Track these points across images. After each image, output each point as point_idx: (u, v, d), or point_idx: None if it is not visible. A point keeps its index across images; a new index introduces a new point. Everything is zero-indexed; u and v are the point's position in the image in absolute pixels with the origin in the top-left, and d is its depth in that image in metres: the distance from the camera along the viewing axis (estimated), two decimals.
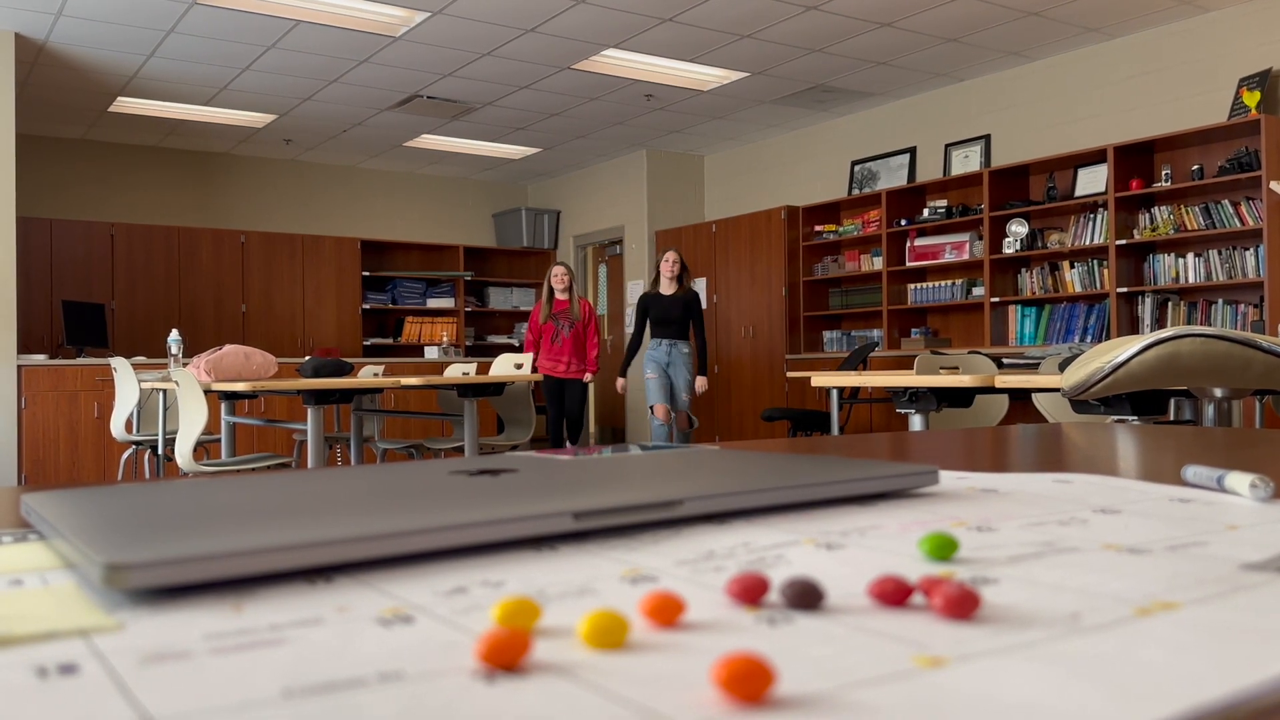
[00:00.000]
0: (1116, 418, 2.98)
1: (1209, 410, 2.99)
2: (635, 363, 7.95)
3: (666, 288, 7.06)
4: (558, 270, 7.28)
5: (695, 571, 0.34)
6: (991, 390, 3.54)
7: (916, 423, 3.69)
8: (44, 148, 9.06)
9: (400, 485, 0.46)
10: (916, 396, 3.68)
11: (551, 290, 7.23)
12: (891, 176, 8.47)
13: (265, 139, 9.39)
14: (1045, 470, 0.63)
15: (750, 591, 0.30)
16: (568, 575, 0.33)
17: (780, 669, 0.23)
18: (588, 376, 7.29)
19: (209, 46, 6.80)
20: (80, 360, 7.43)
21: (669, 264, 7.07)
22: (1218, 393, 2.77)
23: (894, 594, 0.29)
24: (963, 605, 0.27)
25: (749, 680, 0.21)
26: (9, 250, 6.59)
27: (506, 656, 0.23)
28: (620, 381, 7.37)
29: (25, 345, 7.89)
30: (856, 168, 8.79)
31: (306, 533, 0.34)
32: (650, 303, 7.10)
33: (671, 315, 7.02)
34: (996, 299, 7.40)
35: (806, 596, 0.29)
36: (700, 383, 7.07)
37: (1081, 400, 2.53)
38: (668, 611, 0.27)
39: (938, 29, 6.76)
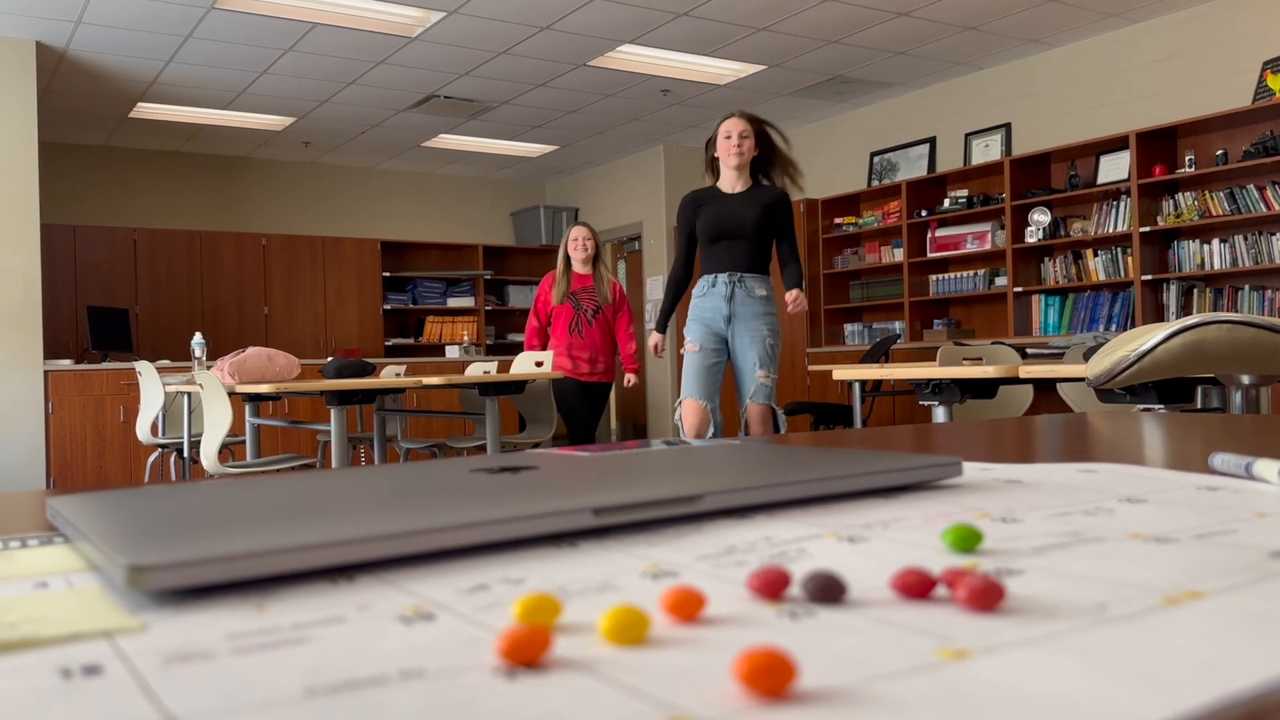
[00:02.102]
0: (1143, 406, 2.96)
1: (1236, 398, 2.96)
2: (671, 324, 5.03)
3: (733, 181, 4.25)
4: (577, 232, 5.45)
5: (716, 566, 0.34)
6: (1015, 381, 3.52)
7: (940, 415, 3.67)
8: (66, 155, 9.14)
9: (421, 484, 0.46)
10: (940, 388, 3.66)
11: (569, 261, 5.48)
12: (911, 167, 8.43)
13: (284, 142, 9.44)
14: (1070, 460, 0.63)
15: (772, 586, 0.29)
16: (588, 571, 0.33)
17: (802, 663, 0.23)
18: (631, 379, 5.56)
19: (227, 51, 6.84)
20: (105, 365, 7.50)
21: (735, 139, 4.17)
22: (1245, 380, 2.74)
23: (917, 586, 0.29)
24: (987, 597, 0.27)
25: (770, 674, 0.20)
26: (34, 258, 6.65)
27: (527, 653, 0.23)
28: (655, 338, 4.58)
29: (51, 351, 7.97)
30: (876, 159, 8.75)
31: (328, 532, 0.34)
32: (701, 205, 4.25)
33: (739, 226, 4.17)
34: (1020, 289, 7.34)
35: (828, 590, 0.29)
36: (793, 299, 4.17)
37: (1107, 389, 2.51)
38: (688, 607, 0.27)
39: (955, 17, 6.72)
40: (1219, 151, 6.32)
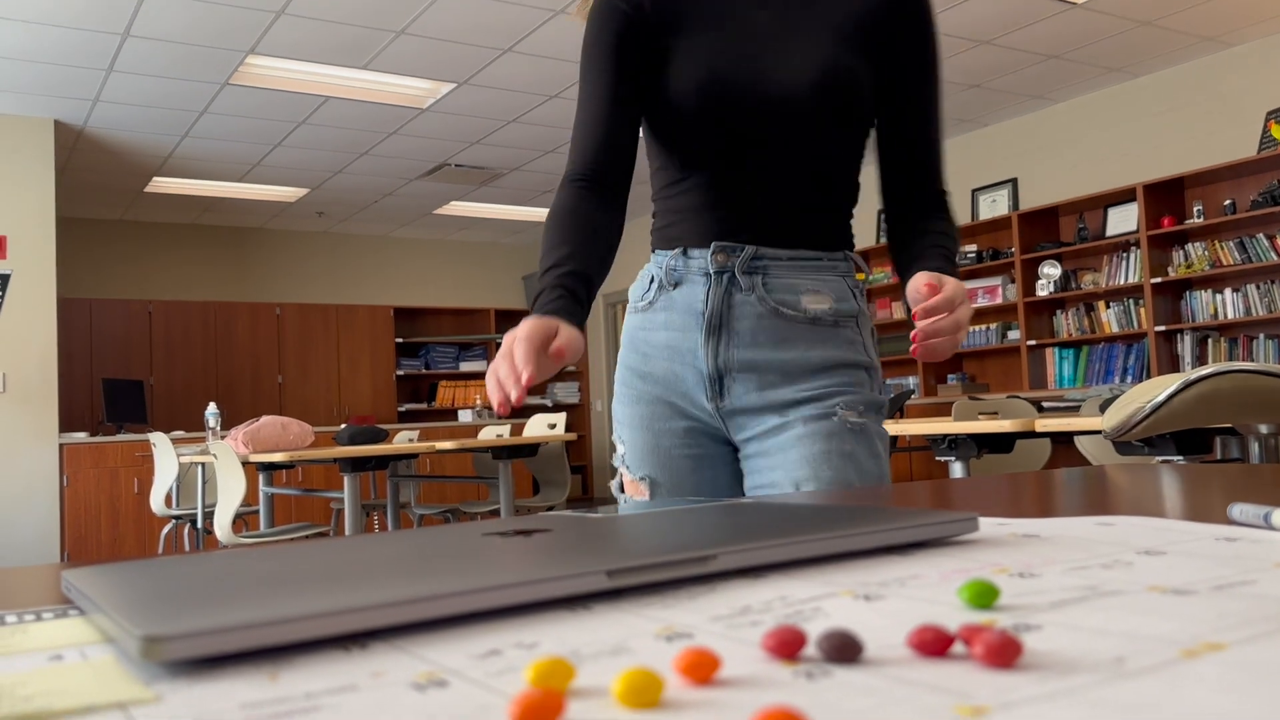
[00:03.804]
0: (1162, 458, 2.94)
1: (1255, 447, 2.93)
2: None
3: None
4: None
5: (731, 627, 0.33)
6: (1032, 435, 3.50)
7: (957, 470, 3.65)
8: (83, 229, 9.26)
9: (434, 549, 0.46)
10: (956, 443, 3.64)
11: None
12: None
13: (298, 212, 9.56)
14: (1088, 514, 0.62)
15: (787, 646, 0.29)
16: (602, 634, 0.33)
17: None
18: None
19: (242, 125, 6.96)
20: (120, 437, 7.52)
21: None
22: (1263, 429, 2.72)
23: (934, 644, 0.29)
24: (1004, 653, 0.27)
25: None
26: (50, 332, 6.71)
27: (540, 718, 0.23)
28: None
29: (66, 423, 8.01)
30: (883, 216, 8.80)
31: (340, 599, 0.34)
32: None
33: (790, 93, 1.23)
34: (1033, 342, 7.33)
35: (845, 649, 0.29)
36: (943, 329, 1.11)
37: (1124, 441, 2.49)
38: (703, 668, 0.27)
39: (959, 75, 6.80)
40: (1227, 201, 6.34)
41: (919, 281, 1.07)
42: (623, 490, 1.36)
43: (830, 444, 1.23)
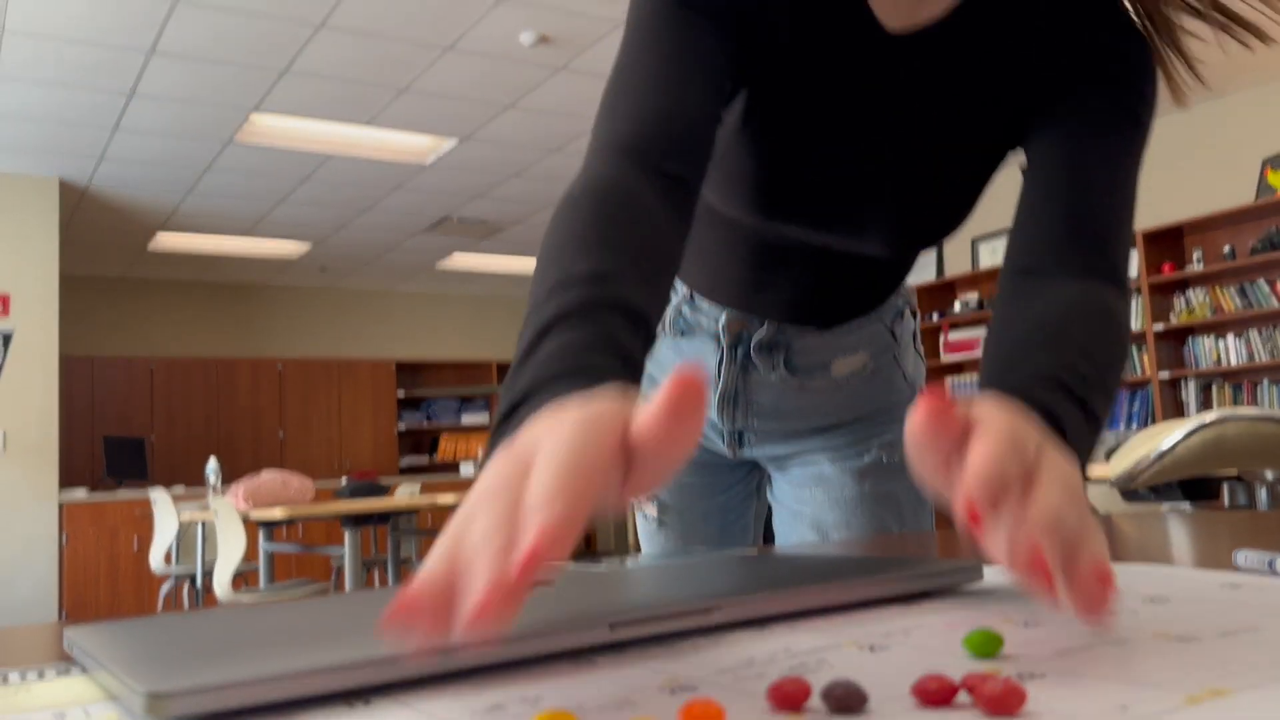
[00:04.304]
0: (1169, 505, 2.92)
1: (1263, 494, 2.92)
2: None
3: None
4: None
5: (736, 679, 0.33)
6: None
7: None
8: (86, 287, 9.31)
9: None
10: None
11: None
12: (919, 272, 8.51)
13: (301, 268, 9.61)
14: None
15: (791, 698, 0.29)
16: (606, 688, 0.33)
17: None
18: None
19: (245, 182, 7.02)
20: (120, 494, 7.49)
21: None
22: (1269, 475, 2.71)
23: (938, 694, 0.29)
24: (1008, 701, 0.27)
25: None
26: (52, 391, 6.72)
27: None
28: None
29: (66, 480, 7.98)
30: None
31: (342, 655, 0.34)
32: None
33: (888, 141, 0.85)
34: None
35: (849, 700, 0.28)
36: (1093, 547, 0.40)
37: (1131, 490, 2.48)
38: None
39: None
40: (1226, 248, 6.37)
41: (973, 465, 0.40)
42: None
43: (863, 486, 1.08)
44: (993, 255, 7.93)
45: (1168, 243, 6.76)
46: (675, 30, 0.75)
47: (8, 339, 6.57)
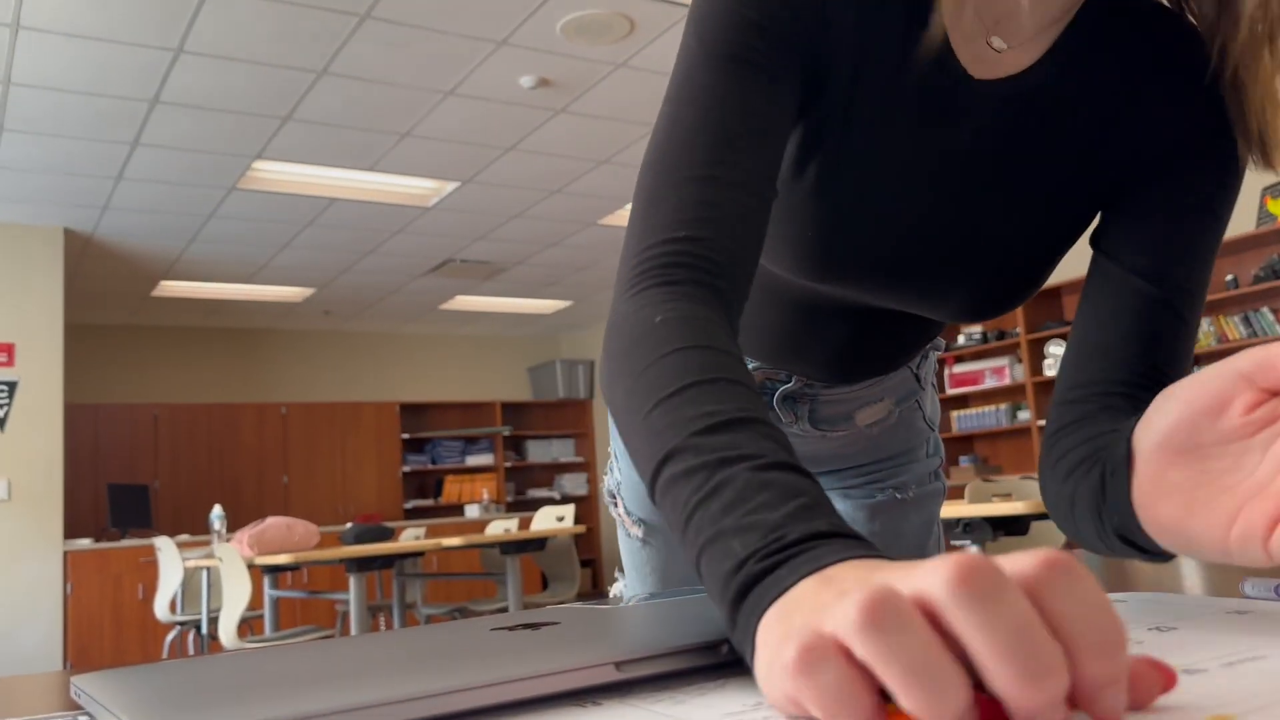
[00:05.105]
0: None
1: None
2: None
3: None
4: None
5: None
6: (1047, 516, 3.47)
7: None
8: (90, 335, 9.34)
9: (440, 645, 0.46)
10: (970, 526, 3.61)
11: None
12: None
13: (305, 312, 9.64)
14: None
15: None
16: None
17: None
18: None
19: (248, 228, 7.07)
20: (124, 542, 7.47)
21: None
22: None
23: None
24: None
25: None
26: (56, 440, 6.72)
27: None
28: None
29: (71, 529, 7.96)
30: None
31: (347, 698, 0.34)
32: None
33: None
34: (1043, 422, 7.31)
35: None
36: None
37: None
38: None
39: None
40: (1229, 277, 6.39)
41: None
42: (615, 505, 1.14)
43: (874, 524, 1.07)
44: None
45: None
46: (733, 93, 0.64)
47: (12, 388, 6.59)
